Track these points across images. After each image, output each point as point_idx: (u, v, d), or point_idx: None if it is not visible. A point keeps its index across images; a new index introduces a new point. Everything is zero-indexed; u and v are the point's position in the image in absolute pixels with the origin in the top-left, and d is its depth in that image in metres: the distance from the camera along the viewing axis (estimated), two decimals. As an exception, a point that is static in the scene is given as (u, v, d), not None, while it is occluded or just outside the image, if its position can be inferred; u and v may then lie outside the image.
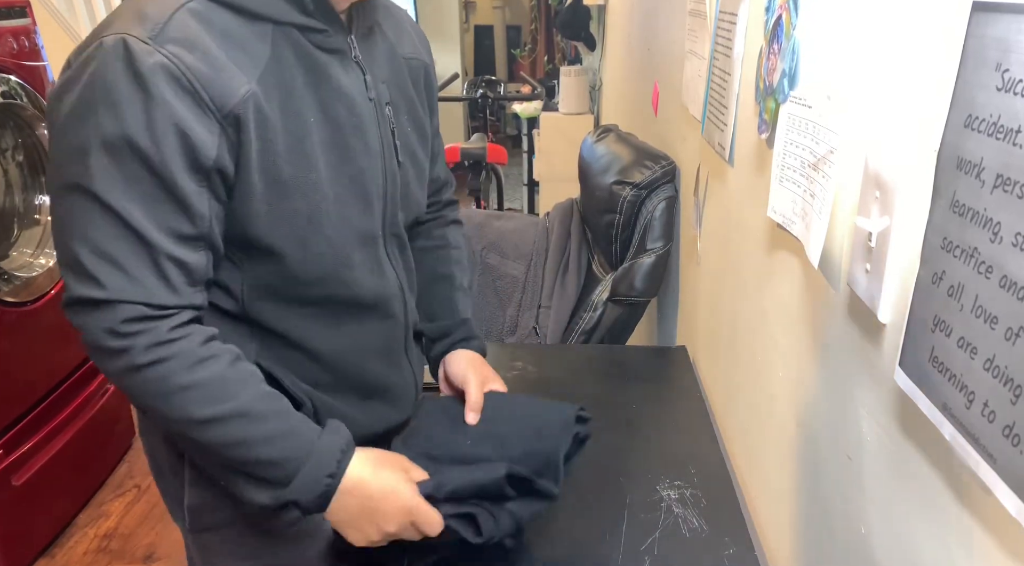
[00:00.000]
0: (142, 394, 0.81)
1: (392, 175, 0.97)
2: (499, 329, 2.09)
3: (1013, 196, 0.49)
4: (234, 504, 0.95)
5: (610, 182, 1.86)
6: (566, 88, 4.05)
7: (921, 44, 0.65)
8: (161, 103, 0.75)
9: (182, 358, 0.80)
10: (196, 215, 0.80)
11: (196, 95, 0.77)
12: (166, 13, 0.78)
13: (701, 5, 1.52)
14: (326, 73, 0.88)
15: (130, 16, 0.78)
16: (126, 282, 0.78)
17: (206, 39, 0.79)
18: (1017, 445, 0.48)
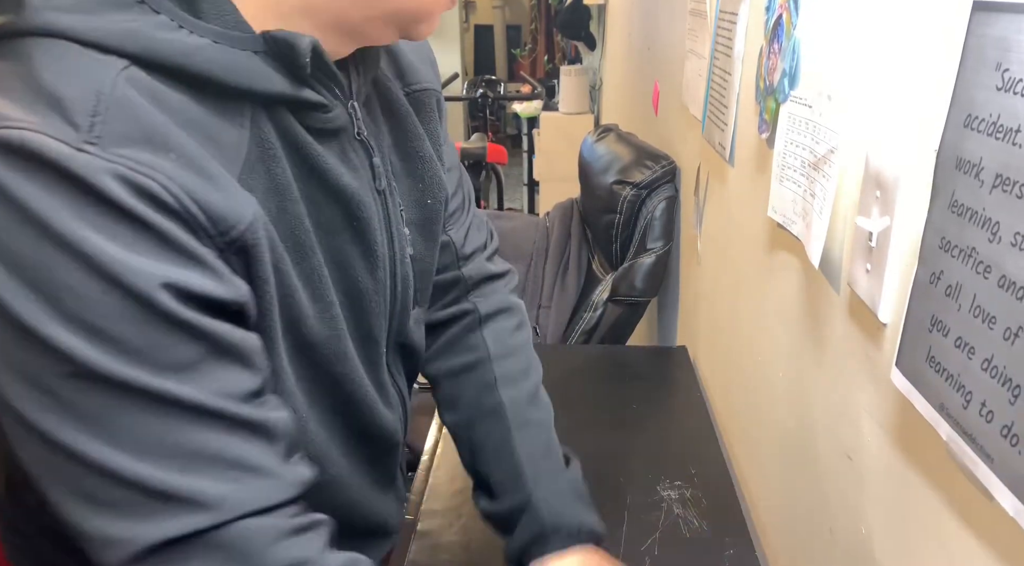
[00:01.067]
0: None
1: (404, 280, 0.74)
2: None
3: (1012, 196, 0.49)
4: None
5: (610, 182, 1.86)
6: (566, 88, 4.05)
7: (921, 44, 0.65)
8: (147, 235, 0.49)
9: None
10: (253, 356, 0.56)
11: (187, 218, 0.51)
12: (90, 91, 0.48)
13: (701, 4, 1.52)
14: (322, 171, 0.62)
15: (26, 94, 0.48)
16: (231, 487, 0.51)
17: (171, 128, 0.51)
18: (1015, 445, 0.48)
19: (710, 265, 1.48)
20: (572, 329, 1.90)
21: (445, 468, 1.20)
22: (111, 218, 0.47)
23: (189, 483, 0.49)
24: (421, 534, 1.05)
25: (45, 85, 0.48)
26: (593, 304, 1.87)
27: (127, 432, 0.48)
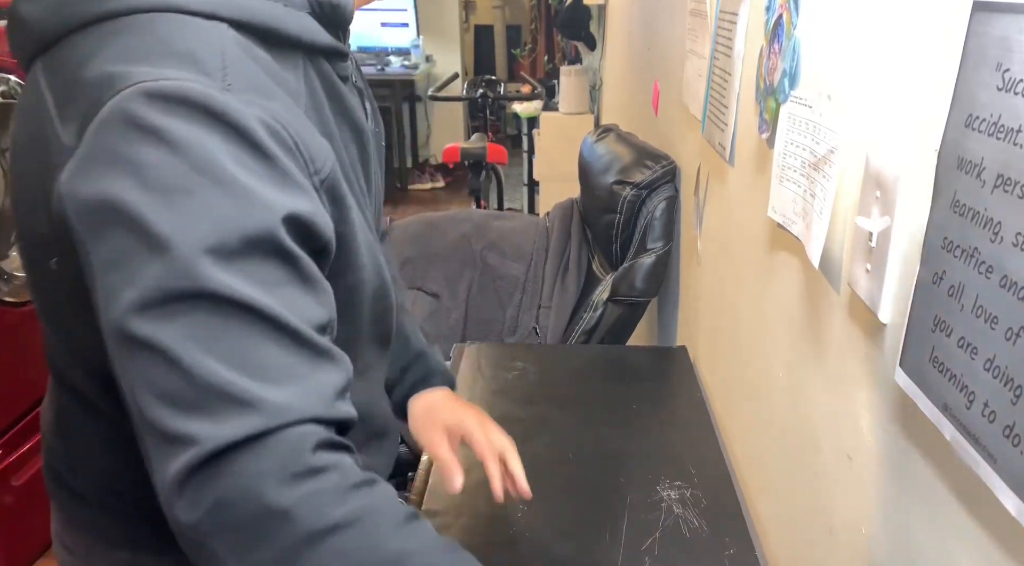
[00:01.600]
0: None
1: (380, 207, 0.87)
2: (499, 329, 2.09)
3: (1014, 196, 0.49)
4: None
5: (610, 182, 1.85)
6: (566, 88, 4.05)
7: (921, 44, 0.65)
8: (281, 172, 0.57)
9: (386, 511, 0.59)
10: (324, 294, 0.61)
11: (306, 159, 0.60)
12: (215, 49, 0.58)
13: (702, 5, 1.52)
14: (350, 112, 0.72)
15: (160, 57, 0.56)
16: (297, 390, 0.56)
17: (268, 79, 0.60)
18: (1017, 445, 0.48)
19: (710, 265, 1.47)
20: (572, 329, 1.90)
21: (445, 468, 1.20)
22: (250, 153, 0.55)
23: (261, 389, 0.54)
24: (421, 534, 1.05)
25: (178, 48, 0.57)
26: (593, 304, 1.87)
27: (221, 341, 0.54)
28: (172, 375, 0.53)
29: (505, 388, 1.45)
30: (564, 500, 1.12)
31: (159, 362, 0.53)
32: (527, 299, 2.11)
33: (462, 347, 1.62)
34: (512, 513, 1.09)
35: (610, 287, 1.84)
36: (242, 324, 0.54)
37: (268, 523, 0.52)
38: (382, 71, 5.61)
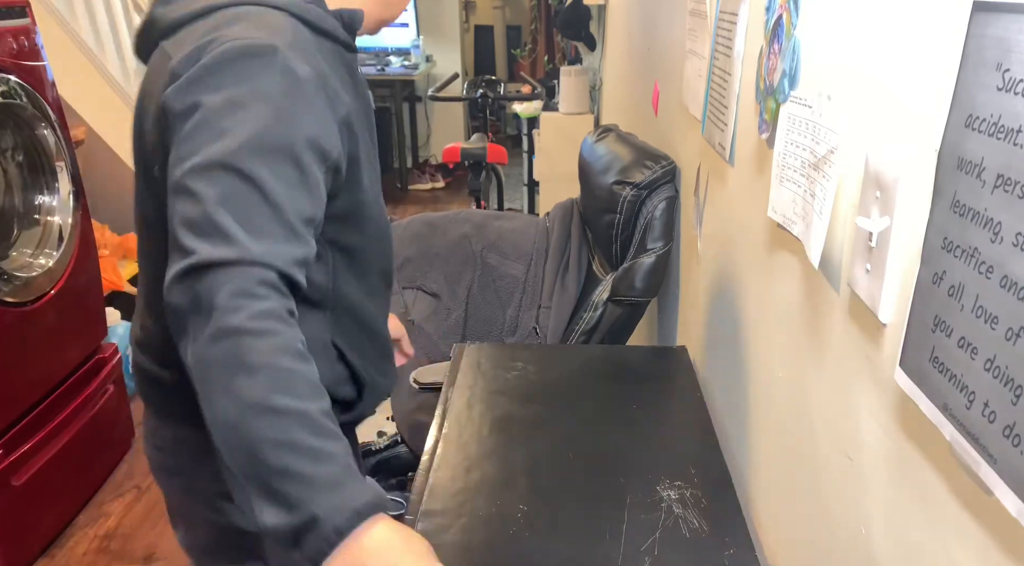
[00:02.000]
0: (226, 361, 0.75)
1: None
2: (499, 329, 2.09)
3: (1014, 196, 0.49)
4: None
5: (610, 182, 1.85)
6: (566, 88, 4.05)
7: (921, 44, 0.65)
8: (314, 107, 0.86)
9: (286, 339, 0.78)
10: (319, 200, 0.87)
11: (331, 102, 0.89)
12: (287, 27, 0.90)
13: (701, 5, 1.52)
14: (362, 84, 1.03)
15: (255, 27, 0.87)
16: (269, 247, 0.79)
17: (315, 50, 0.91)
18: (1017, 445, 0.48)
19: (710, 265, 1.47)
20: (572, 329, 1.90)
21: (445, 468, 1.20)
22: (296, 91, 0.85)
23: (246, 238, 0.78)
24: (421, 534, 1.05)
25: (268, 25, 0.88)
26: (593, 304, 1.87)
27: (234, 201, 0.79)
28: (196, 211, 0.78)
29: (505, 388, 1.45)
30: (564, 500, 1.12)
31: (192, 203, 0.79)
32: (527, 299, 2.11)
33: (462, 347, 1.62)
34: (512, 513, 1.09)
35: (610, 287, 1.84)
36: (252, 196, 0.80)
37: (211, 313, 0.76)
38: (382, 71, 5.61)
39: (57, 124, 2.28)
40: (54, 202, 2.32)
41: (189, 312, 0.77)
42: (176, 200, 0.81)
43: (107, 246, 3.21)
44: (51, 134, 2.26)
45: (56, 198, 2.32)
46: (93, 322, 2.49)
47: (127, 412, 2.65)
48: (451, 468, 1.20)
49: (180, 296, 0.78)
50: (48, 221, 2.30)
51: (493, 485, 1.16)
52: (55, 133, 2.27)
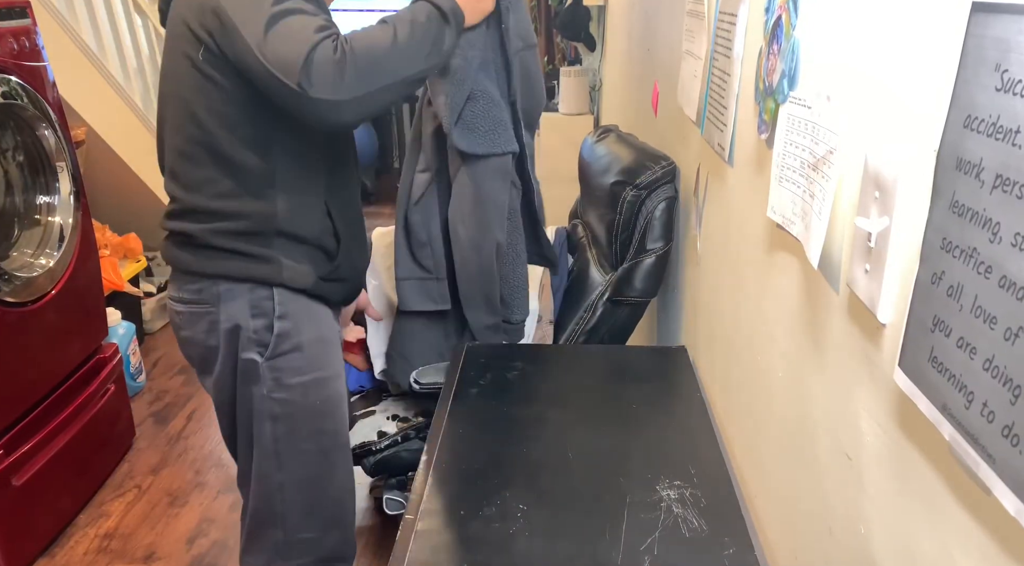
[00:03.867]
0: (362, 58, 1.24)
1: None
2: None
3: (1012, 196, 0.49)
4: (309, 328, 1.42)
5: (610, 182, 1.86)
6: (566, 88, 4.05)
7: (920, 44, 0.65)
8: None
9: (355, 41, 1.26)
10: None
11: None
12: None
13: (699, 6, 1.52)
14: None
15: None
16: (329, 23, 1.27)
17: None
18: (1016, 445, 0.48)
19: (710, 265, 1.48)
20: (572, 329, 1.90)
21: (445, 468, 1.20)
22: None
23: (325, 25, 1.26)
24: (421, 534, 1.05)
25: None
26: (593, 304, 1.87)
27: (292, 21, 1.23)
28: (291, 28, 1.21)
29: (505, 388, 1.45)
30: (564, 500, 1.13)
31: (282, 28, 1.21)
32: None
33: (462, 347, 1.62)
34: (512, 513, 1.09)
35: (610, 287, 1.84)
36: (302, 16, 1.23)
37: (337, 48, 1.22)
38: (382, 71, 5.59)
39: (57, 124, 2.28)
40: (55, 202, 2.32)
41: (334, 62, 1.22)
42: (269, 34, 1.22)
43: (107, 246, 3.21)
44: (51, 134, 2.27)
45: (56, 198, 2.32)
46: (93, 322, 2.49)
47: (127, 412, 2.66)
48: (451, 468, 1.20)
49: (326, 55, 1.21)
50: (49, 221, 2.30)
51: (493, 485, 1.16)
52: (55, 133, 2.28)
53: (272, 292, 1.37)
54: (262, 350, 1.39)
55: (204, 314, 1.39)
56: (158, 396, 3.01)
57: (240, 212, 1.33)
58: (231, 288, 1.36)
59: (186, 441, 2.71)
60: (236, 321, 1.37)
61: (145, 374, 3.09)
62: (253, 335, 1.38)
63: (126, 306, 3.11)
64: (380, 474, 1.99)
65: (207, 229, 1.34)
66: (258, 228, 1.35)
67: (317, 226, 1.39)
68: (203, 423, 2.82)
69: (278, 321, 1.38)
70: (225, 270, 1.36)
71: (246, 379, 1.40)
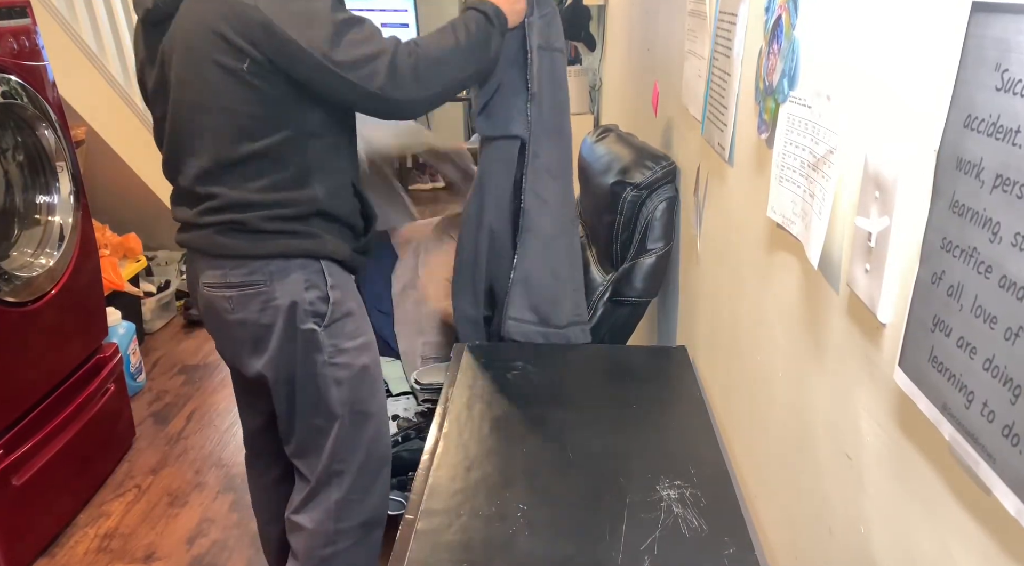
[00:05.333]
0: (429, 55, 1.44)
1: None
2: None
3: (1012, 196, 0.49)
4: (351, 296, 1.56)
5: (610, 182, 1.85)
6: (566, 88, 4.04)
7: (921, 44, 0.65)
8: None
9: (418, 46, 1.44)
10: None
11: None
12: None
13: (701, 5, 1.52)
14: None
15: None
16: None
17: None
18: (1016, 445, 0.48)
19: (710, 265, 1.48)
20: (572, 329, 1.90)
21: (445, 468, 1.20)
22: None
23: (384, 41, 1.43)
24: (421, 534, 1.05)
25: None
26: (593, 304, 1.87)
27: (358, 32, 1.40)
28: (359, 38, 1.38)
29: (505, 388, 1.45)
30: (564, 500, 1.13)
31: (354, 37, 1.38)
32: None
33: (462, 347, 1.62)
34: (512, 513, 1.09)
35: (610, 287, 1.84)
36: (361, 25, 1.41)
37: (406, 50, 1.42)
38: (382, 71, 5.60)
39: (57, 124, 2.28)
40: (55, 202, 2.32)
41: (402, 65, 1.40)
42: (338, 45, 1.36)
43: (107, 246, 3.21)
44: (51, 134, 2.27)
45: (56, 198, 2.32)
46: (93, 322, 2.49)
47: (127, 412, 2.66)
48: (451, 468, 1.20)
49: (401, 62, 1.40)
50: (49, 221, 2.30)
51: (493, 485, 1.16)
52: (55, 133, 2.28)
53: (321, 265, 1.49)
54: (319, 320, 1.49)
55: (256, 294, 1.47)
56: (158, 396, 3.01)
57: (287, 200, 1.45)
58: (284, 266, 1.47)
59: (186, 441, 2.71)
60: (292, 296, 1.47)
61: (145, 374, 3.09)
62: (309, 307, 1.48)
63: (126, 306, 3.11)
64: (380, 474, 1.99)
65: (257, 216, 1.44)
66: (304, 213, 1.47)
67: (348, 205, 1.54)
68: (203, 423, 2.82)
69: (332, 291, 1.50)
70: (277, 249, 1.46)
71: (308, 349, 1.50)
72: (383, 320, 2.09)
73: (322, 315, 1.50)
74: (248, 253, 1.47)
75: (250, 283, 1.47)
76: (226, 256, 1.48)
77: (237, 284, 1.48)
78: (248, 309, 1.49)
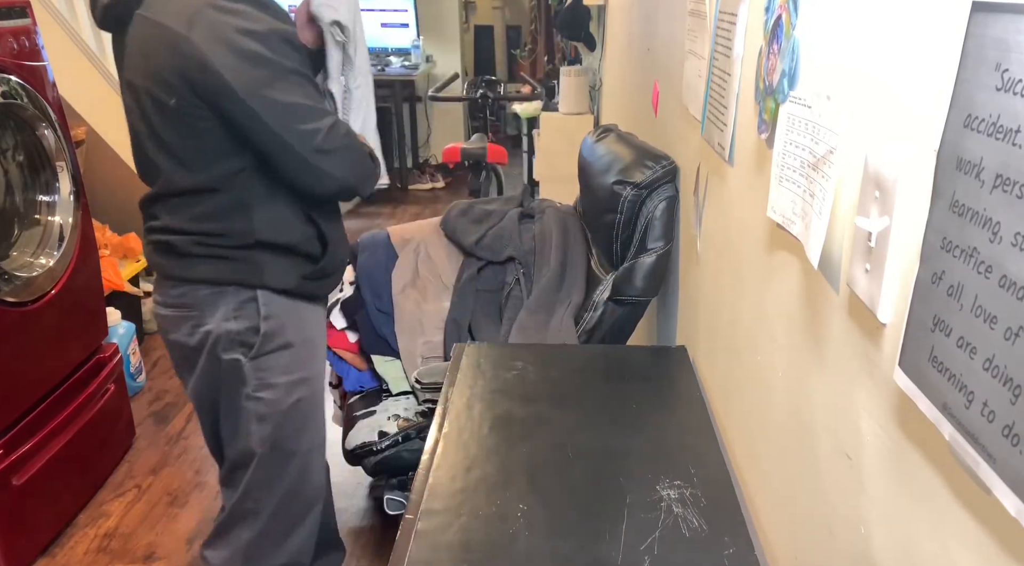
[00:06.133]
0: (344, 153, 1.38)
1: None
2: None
3: (1012, 196, 0.49)
4: (294, 328, 1.46)
5: (611, 182, 1.85)
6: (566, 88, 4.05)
7: (921, 44, 0.65)
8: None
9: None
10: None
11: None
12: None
13: (701, 5, 1.52)
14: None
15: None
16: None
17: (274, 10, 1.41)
18: (1016, 445, 0.48)
19: (710, 265, 1.48)
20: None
21: (445, 468, 1.20)
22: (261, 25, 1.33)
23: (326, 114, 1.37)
24: (421, 534, 1.05)
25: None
26: (593, 304, 1.87)
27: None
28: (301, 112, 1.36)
29: (505, 388, 1.45)
30: (564, 500, 1.13)
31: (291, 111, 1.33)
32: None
33: (462, 347, 1.62)
34: (512, 513, 1.09)
35: (610, 287, 1.84)
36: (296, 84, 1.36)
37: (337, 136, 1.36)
38: (382, 71, 5.60)
39: (57, 124, 2.28)
40: (55, 202, 2.32)
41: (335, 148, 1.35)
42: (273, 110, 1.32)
43: (107, 246, 3.21)
44: (51, 134, 2.27)
45: (56, 198, 2.32)
46: (93, 322, 2.49)
47: (127, 412, 2.65)
48: (451, 468, 1.20)
49: (328, 143, 1.34)
50: (49, 221, 2.30)
51: (493, 485, 1.16)
52: (55, 133, 2.28)
53: (256, 294, 1.41)
54: (245, 351, 1.42)
55: (187, 317, 1.42)
56: (158, 396, 3.01)
57: (221, 230, 1.38)
58: (214, 291, 1.40)
59: (186, 441, 2.71)
60: (219, 323, 1.40)
61: (145, 374, 3.09)
62: (237, 337, 1.41)
63: (126, 306, 3.11)
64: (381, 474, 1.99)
65: (187, 240, 1.39)
66: (237, 242, 1.39)
67: (297, 233, 1.44)
68: (203, 423, 2.82)
69: (264, 322, 1.42)
70: (207, 275, 1.40)
71: (231, 379, 1.43)
72: (383, 320, 2.09)
73: (249, 346, 1.42)
74: (180, 275, 1.43)
75: (181, 305, 1.43)
76: (163, 275, 1.46)
77: (171, 304, 1.45)
78: (180, 331, 1.44)
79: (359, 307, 2.12)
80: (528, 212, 2.32)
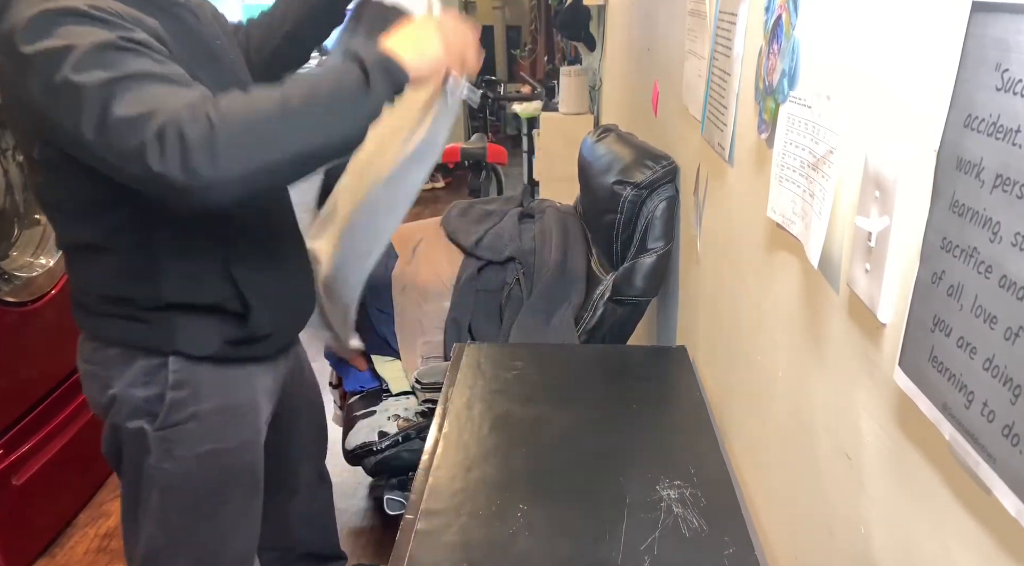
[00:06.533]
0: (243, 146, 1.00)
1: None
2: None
3: (1012, 196, 0.49)
4: (214, 396, 1.27)
5: (611, 182, 1.85)
6: (566, 88, 4.05)
7: (921, 44, 0.65)
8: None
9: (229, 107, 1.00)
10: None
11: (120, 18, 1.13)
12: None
13: (701, 5, 1.52)
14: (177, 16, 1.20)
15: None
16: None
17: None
18: (1016, 445, 0.48)
19: (710, 265, 1.48)
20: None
21: (445, 468, 1.20)
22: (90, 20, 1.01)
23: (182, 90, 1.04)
24: (421, 534, 1.05)
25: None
26: (593, 304, 1.87)
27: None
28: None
29: (505, 388, 1.45)
30: (564, 500, 1.13)
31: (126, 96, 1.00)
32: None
33: (462, 347, 1.62)
34: (512, 513, 1.09)
35: (610, 287, 1.84)
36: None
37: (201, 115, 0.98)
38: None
39: (57, 124, 2.28)
40: (54, 202, 2.32)
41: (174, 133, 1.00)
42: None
43: (107, 246, 3.20)
44: (51, 134, 2.26)
45: (56, 198, 2.32)
46: (93, 322, 2.49)
47: (127, 412, 2.65)
48: (451, 468, 1.20)
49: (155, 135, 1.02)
50: (48, 221, 2.30)
51: (493, 485, 1.16)
52: (55, 133, 2.27)
53: (167, 360, 1.24)
54: (151, 419, 1.26)
55: (96, 377, 1.30)
56: (158, 396, 3.00)
57: (127, 292, 1.21)
58: (122, 353, 1.26)
59: (186, 441, 2.71)
60: (124, 388, 1.26)
61: (145, 374, 3.09)
62: (143, 404, 1.26)
63: (126, 306, 3.10)
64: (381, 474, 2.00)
65: (93, 298, 1.25)
66: (144, 305, 1.21)
67: (216, 292, 1.23)
68: (203, 423, 2.81)
69: (171, 390, 1.25)
70: (114, 336, 1.26)
71: (133, 448, 1.29)
72: (383, 320, 2.09)
73: (155, 415, 1.25)
74: (91, 332, 1.30)
75: (92, 362, 1.31)
76: (80, 326, 1.33)
77: (85, 359, 1.33)
78: (91, 389, 1.32)
79: (359, 307, 2.12)
80: (528, 212, 2.32)
